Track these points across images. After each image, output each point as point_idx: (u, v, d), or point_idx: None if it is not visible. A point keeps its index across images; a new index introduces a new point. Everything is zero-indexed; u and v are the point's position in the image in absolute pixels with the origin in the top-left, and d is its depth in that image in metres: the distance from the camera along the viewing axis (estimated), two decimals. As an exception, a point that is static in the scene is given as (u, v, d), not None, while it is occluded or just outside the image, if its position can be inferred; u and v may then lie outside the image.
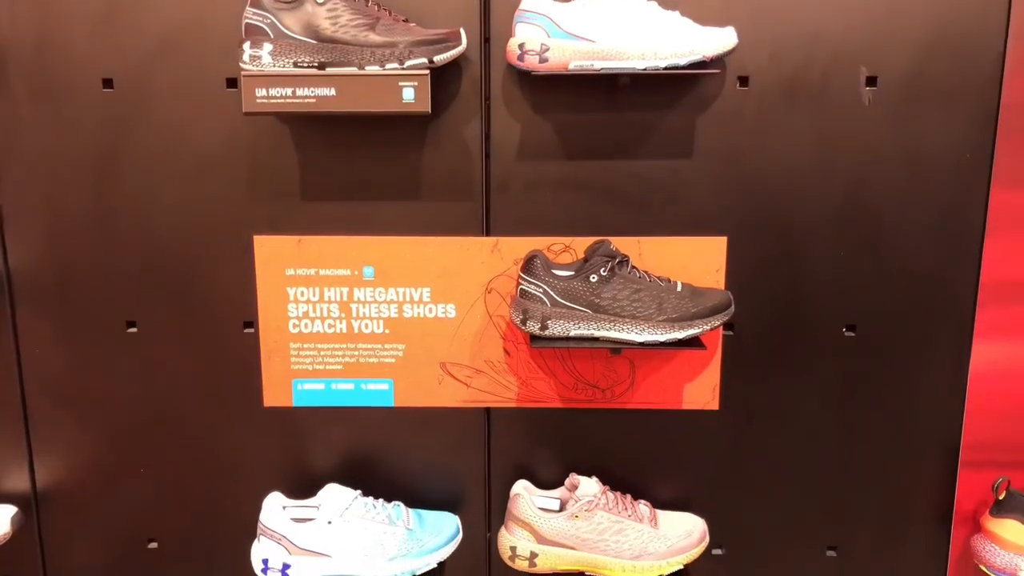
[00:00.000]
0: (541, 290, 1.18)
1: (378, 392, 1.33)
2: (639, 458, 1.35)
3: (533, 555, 1.26)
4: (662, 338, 1.17)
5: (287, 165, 1.26)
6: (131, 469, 1.36)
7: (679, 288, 1.20)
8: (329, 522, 1.24)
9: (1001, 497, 1.27)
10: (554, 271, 1.19)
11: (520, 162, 1.24)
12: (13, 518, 1.34)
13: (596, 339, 1.19)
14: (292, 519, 1.25)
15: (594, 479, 1.29)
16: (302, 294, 1.29)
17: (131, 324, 1.31)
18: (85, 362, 1.32)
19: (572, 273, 1.19)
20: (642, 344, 1.17)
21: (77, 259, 1.29)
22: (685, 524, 1.29)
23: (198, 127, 1.24)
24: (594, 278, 1.18)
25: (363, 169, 1.25)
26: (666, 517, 1.30)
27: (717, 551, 1.37)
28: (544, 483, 1.34)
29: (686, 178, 1.25)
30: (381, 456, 1.35)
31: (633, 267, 1.20)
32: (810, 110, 1.22)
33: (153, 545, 1.39)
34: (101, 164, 1.26)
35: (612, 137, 1.23)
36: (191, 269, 1.29)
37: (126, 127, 1.24)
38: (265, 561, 1.24)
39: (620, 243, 1.22)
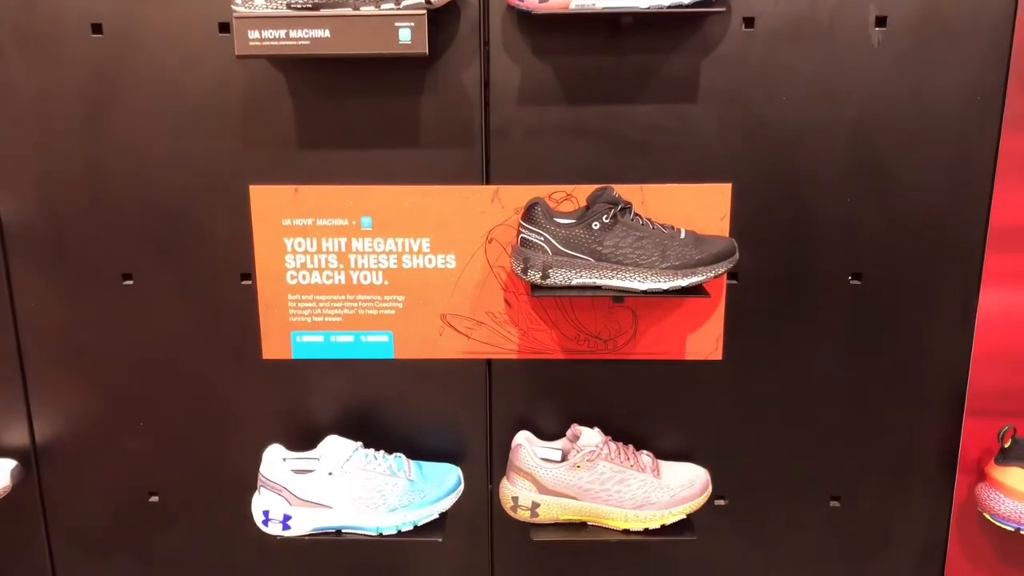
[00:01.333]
0: (542, 238, 1.16)
1: (378, 344, 1.31)
2: (641, 409, 1.34)
3: (535, 505, 1.25)
4: (665, 286, 1.15)
5: (282, 113, 1.23)
6: (130, 423, 1.35)
7: (682, 235, 1.18)
8: (330, 473, 1.24)
9: (1007, 445, 1.26)
10: (555, 219, 1.17)
11: (520, 108, 1.22)
12: (13, 472, 1.34)
13: (598, 288, 1.17)
14: (293, 471, 1.25)
15: (596, 430, 1.28)
16: (299, 245, 1.28)
17: (127, 277, 1.30)
18: (82, 315, 1.31)
19: (574, 221, 1.17)
20: (645, 292, 1.16)
21: (70, 211, 1.27)
22: (688, 474, 1.29)
23: (191, 74, 1.21)
24: (596, 225, 1.16)
25: (360, 116, 1.23)
26: (668, 467, 1.30)
27: (720, 502, 1.37)
28: (546, 435, 1.33)
29: (690, 123, 1.22)
30: (382, 408, 1.34)
31: (636, 214, 1.18)
32: (817, 52, 1.19)
33: (154, 499, 1.39)
34: (92, 112, 1.23)
35: (615, 81, 1.20)
36: (187, 220, 1.27)
37: (117, 74, 1.21)
38: (266, 513, 1.24)
39: (623, 190, 1.20)
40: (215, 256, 1.29)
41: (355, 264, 1.28)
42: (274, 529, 1.24)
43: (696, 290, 1.17)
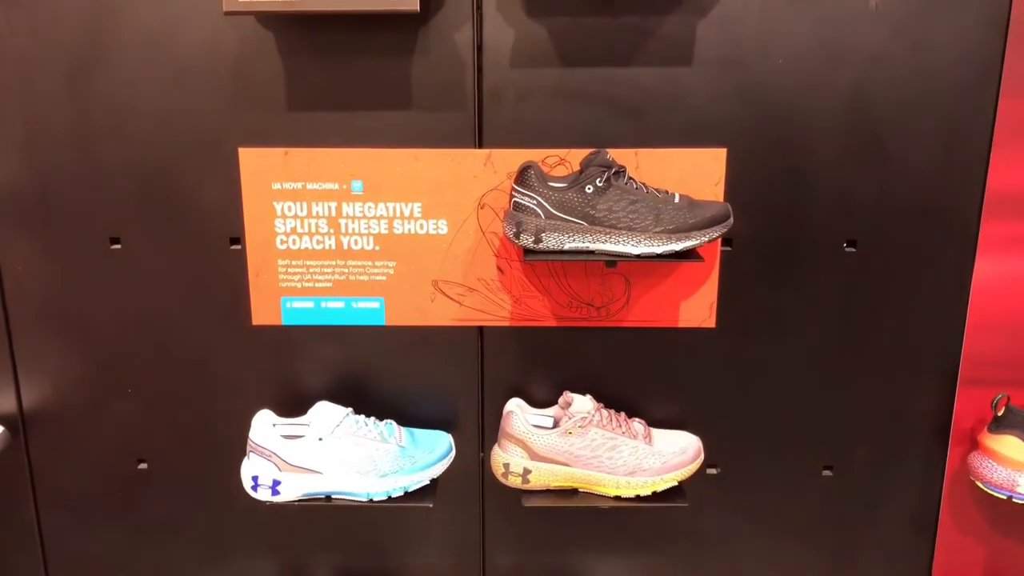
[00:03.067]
0: (535, 202, 1.15)
1: (369, 310, 1.30)
2: (634, 377, 1.33)
3: (526, 471, 1.25)
4: (659, 250, 1.14)
5: (272, 73, 1.21)
6: (118, 389, 1.34)
7: (677, 199, 1.16)
8: (320, 439, 1.23)
9: (1000, 413, 1.26)
10: (549, 182, 1.16)
11: (514, 70, 1.20)
12: (0, 437, 1.32)
13: (591, 252, 1.16)
14: (282, 436, 1.24)
15: (588, 397, 1.27)
16: (289, 209, 1.26)
17: (115, 241, 1.28)
18: (69, 280, 1.29)
19: (567, 184, 1.15)
20: (638, 256, 1.15)
21: (56, 174, 1.25)
22: (680, 441, 1.28)
23: (178, 32, 1.19)
24: (590, 189, 1.14)
25: (351, 78, 1.21)
26: (660, 435, 1.29)
27: (712, 470, 1.37)
28: (538, 402, 1.32)
29: (685, 86, 1.20)
30: (373, 375, 1.33)
31: (630, 178, 1.17)
32: (815, 15, 1.18)
33: (143, 466, 1.38)
34: (77, 72, 1.21)
35: (609, 43, 1.19)
36: (175, 183, 1.25)
37: (102, 32, 1.19)
38: (255, 478, 1.23)
39: (617, 155, 1.19)
40: (204, 220, 1.27)
41: (346, 229, 1.27)
42: (263, 495, 1.23)
43: (690, 254, 1.16)
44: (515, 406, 1.27)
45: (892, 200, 1.24)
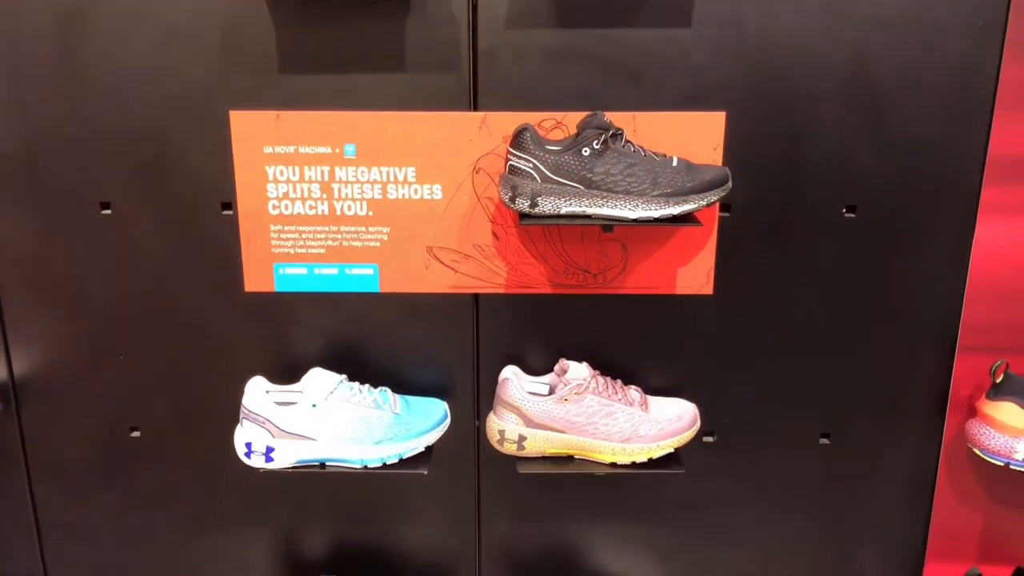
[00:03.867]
0: (531, 165, 1.13)
1: (363, 277, 1.29)
2: (630, 344, 1.32)
3: (522, 438, 1.24)
4: (656, 214, 1.12)
5: (263, 34, 1.18)
6: (110, 357, 1.33)
7: (675, 163, 1.15)
8: (313, 405, 1.22)
9: (999, 380, 1.25)
10: (545, 145, 1.14)
11: (509, 31, 1.18)
12: (-9, 405, 1.32)
13: (588, 216, 1.14)
14: (276, 403, 1.23)
15: (584, 364, 1.26)
16: (281, 173, 1.24)
17: (105, 206, 1.26)
18: (59, 246, 1.28)
19: (563, 147, 1.14)
20: (635, 220, 1.13)
21: (45, 138, 1.23)
22: (676, 408, 1.27)
23: (166, -8, 1.17)
24: (586, 151, 1.13)
25: (343, 38, 1.18)
26: (657, 402, 1.28)
27: (708, 438, 1.36)
28: (534, 370, 1.31)
29: (685, 48, 1.18)
30: (367, 343, 1.32)
31: (627, 141, 1.15)
32: (816, -25, 1.16)
33: (135, 434, 1.37)
34: (64, 32, 1.18)
35: (608, 3, 1.16)
36: (165, 147, 1.23)
37: (89, -9, 1.17)
38: (248, 445, 1.22)
39: (614, 118, 1.16)
40: (195, 185, 1.25)
41: (338, 194, 1.25)
42: (257, 462, 1.23)
43: (688, 219, 1.15)
44: (511, 373, 1.26)
45: (893, 165, 1.23)
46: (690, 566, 1.42)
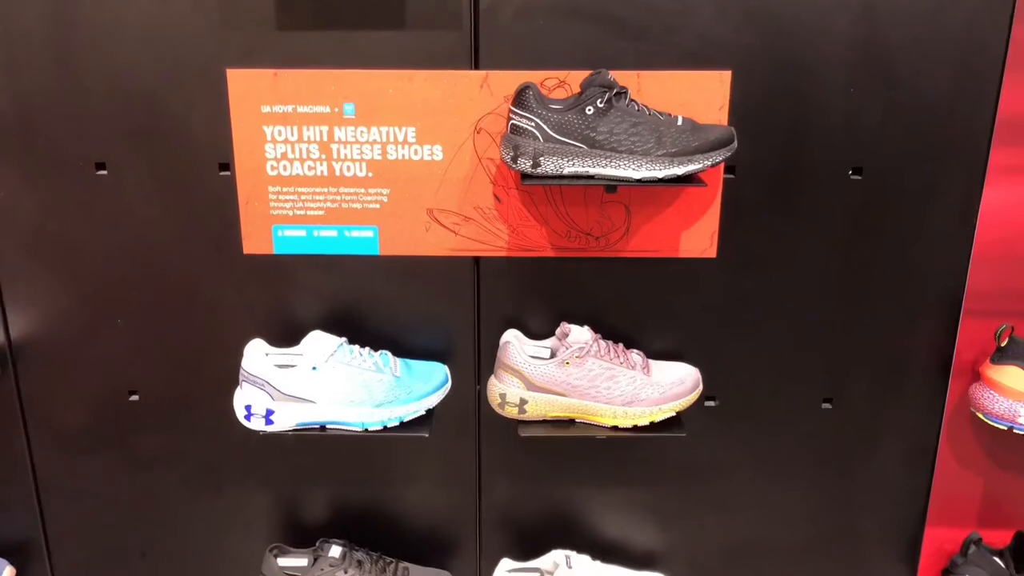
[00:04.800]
0: (533, 124, 1.11)
1: (362, 240, 1.27)
2: (633, 308, 1.31)
3: (523, 402, 1.23)
4: (660, 174, 1.11)
5: (260, -10, 1.16)
6: (108, 320, 1.32)
7: (680, 122, 1.13)
8: (313, 368, 1.21)
9: (1003, 344, 1.24)
10: (547, 103, 1.12)
11: (511, -13, 1.15)
12: (-12, 368, 1.31)
13: (591, 177, 1.13)
14: (275, 365, 1.22)
15: (586, 328, 1.25)
16: (279, 133, 1.22)
17: (100, 166, 1.24)
18: (54, 207, 1.26)
19: (567, 105, 1.12)
20: (639, 181, 1.11)
21: (38, 97, 1.20)
22: (678, 372, 1.26)
23: (161, -55, 1.14)
24: (590, 110, 1.11)
25: (342, -5, 1.16)
26: (659, 366, 1.28)
27: (710, 403, 1.35)
28: (535, 334, 1.30)
29: (689, 6, 1.16)
30: (367, 306, 1.31)
31: (632, 100, 1.13)
32: (825, -70, 1.13)
33: (134, 397, 1.36)
34: (57, -13, 1.16)
35: (611, -41, 1.14)
36: (161, 106, 1.21)
37: (82, -55, 1.14)
38: (248, 407, 1.21)
39: (619, 77, 1.14)
40: (192, 145, 1.23)
41: (338, 154, 1.23)
42: (256, 424, 1.22)
43: (692, 179, 1.13)
44: (512, 336, 1.26)
45: (899, 126, 1.21)
46: (690, 530, 1.42)
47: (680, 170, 1.11)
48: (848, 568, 1.44)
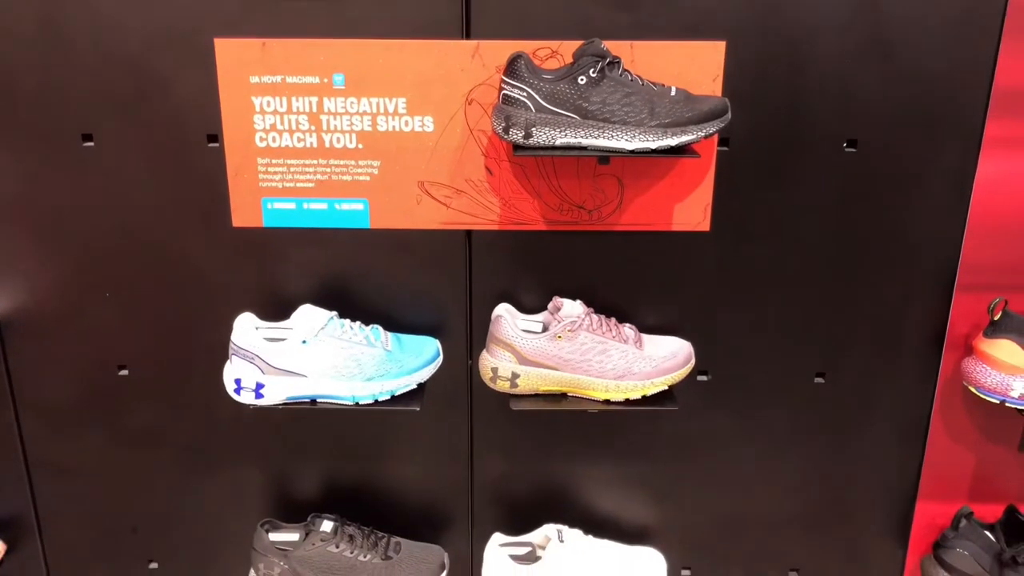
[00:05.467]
0: (525, 94, 1.10)
1: (353, 212, 1.26)
2: (626, 282, 1.30)
3: (515, 376, 1.23)
4: (653, 145, 1.10)
5: (247, -43, 1.14)
6: (96, 293, 1.30)
7: (673, 92, 1.12)
8: (303, 341, 1.20)
9: (996, 318, 1.24)
10: (540, 73, 1.10)
11: (503, -45, 1.14)
12: (-26, 342, 1.29)
13: (583, 148, 1.11)
14: (265, 339, 1.21)
15: (578, 302, 1.24)
16: (268, 104, 1.20)
17: (87, 138, 1.23)
18: (40, 179, 1.24)
19: (559, 75, 1.10)
20: (632, 152, 1.10)
21: (22, 67, 1.19)
22: (671, 346, 1.26)
23: (146, -89, 1.12)
24: (583, 80, 1.09)
25: (331, -38, 1.14)
26: (651, 340, 1.27)
27: (703, 377, 1.35)
28: (527, 309, 1.29)
29: (684, -26, 1.14)
30: (357, 280, 1.30)
31: (625, 70, 1.12)
32: None
33: (123, 372, 1.35)
34: (40, -47, 1.14)
35: (604, -74, 1.12)
36: (148, 76, 1.19)
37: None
38: (238, 381, 1.21)
39: (611, 47, 1.12)
40: (180, 116, 1.21)
41: (327, 126, 1.21)
42: (246, 398, 1.21)
43: (686, 151, 1.12)
44: (504, 310, 1.25)
45: (895, 98, 1.20)
46: (682, 505, 1.42)
47: (674, 141, 1.09)
48: (839, 542, 1.44)
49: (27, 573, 1.46)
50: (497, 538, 1.34)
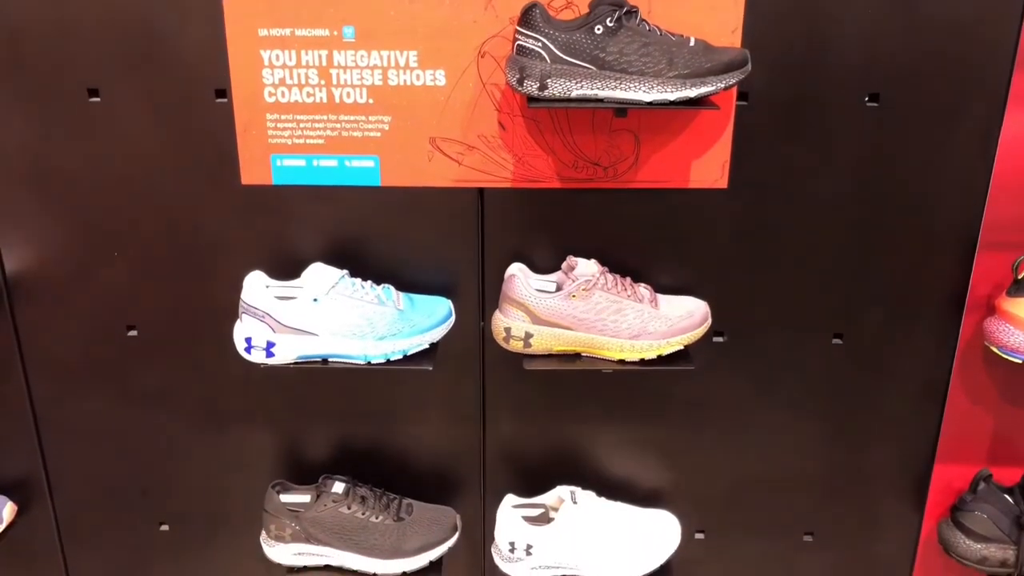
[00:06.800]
0: (540, 44, 1.07)
1: (363, 170, 1.24)
2: (641, 241, 1.28)
3: (528, 336, 1.21)
4: (672, 96, 1.07)
5: (254, -95, 1.11)
6: (104, 253, 1.29)
7: (692, 43, 1.09)
8: (315, 300, 1.18)
9: (1021, 276, 1.21)
10: (555, 23, 1.08)
11: (517, -99, 1.10)
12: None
13: (600, 100, 1.09)
14: (276, 297, 1.19)
15: (593, 261, 1.22)
16: (277, 58, 1.18)
17: (93, 93, 1.20)
18: (46, 135, 1.23)
19: (575, 25, 1.07)
20: (650, 103, 1.08)
21: (27, 21, 1.17)
22: (687, 305, 1.24)
23: None
24: (599, 29, 1.07)
25: (340, -90, 1.11)
26: (667, 299, 1.25)
27: (719, 338, 1.33)
28: (540, 269, 1.27)
29: (703, -79, 1.11)
30: (368, 239, 1.28)
31: (642, 20, 1.09)
32: None
33: (133, 333, 1.34)
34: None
35: None
36: (155, 30, 1.17)
37: None
38: (248, 340, 1.19)
39: (627, -3, 1.10)
40: (187, 71, 1.19)
41: (337, 80, 1.19)
42: (257, 357, 1.20)
43: (704, 103, 1.09)
44: (517, 269, 1.23)
45: (918, 50, 1.17)
46: (697, 467, 1.41)
47: (692, 92, 1.07)
48: (855, 505, 1.43)
49: (38, 535, 1.46)
50: (510, 499, 1.33)
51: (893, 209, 1.25)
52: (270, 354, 1.19)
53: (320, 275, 1.20)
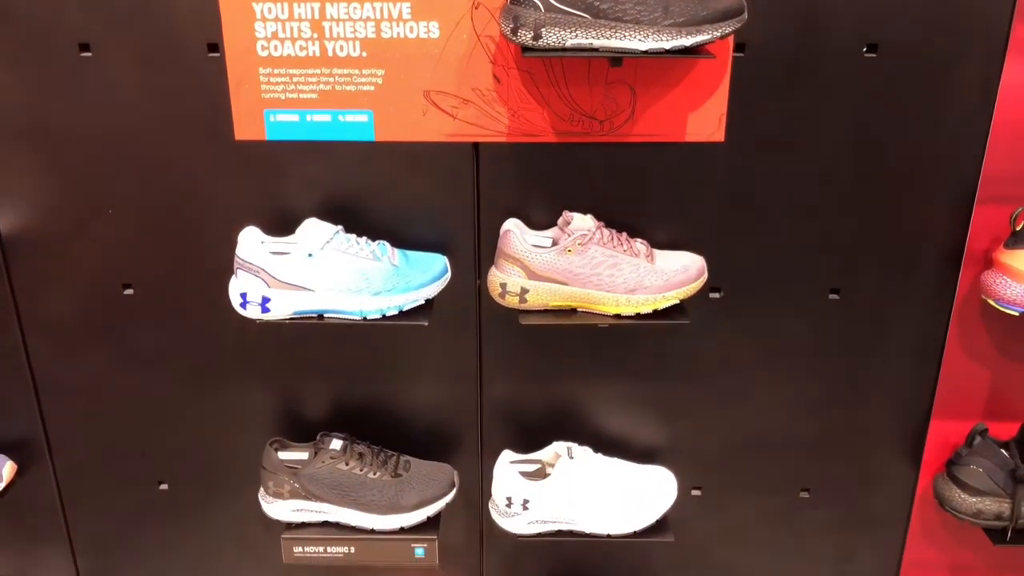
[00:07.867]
0: (534, -7, 1.06)
1: (357, 124, 1.23)
2: (637, 196, 1.27)
3: (524, 291, 1.21)
4: (667, 45, 1.06)
5: None
6: (98, 211, 1.28)
7: (688, -9, 1.07)
8: (309, 255, 1.18)
9: (1019, 228, 1.21)
10: (549, -29, 1.06)
11: None
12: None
13: (595, 49, 1.07)
14: (271, 252, 1.19)
15: (589, 216, 1.22)
16: (269, 11, 1.17)
17: (84, 48, 1.19)
18: (36, 91, 1.21)
19: (569, -27, 1.06)
20: (645, 52, 1.06)
21: (15, -28, 1.15)
22: (683, 260, 1.24)
23: None
24: (593, -23, 1.05)
25: None
26: (663, 254, 1.25)
27: (715, 294, 1.33)
28: (536, 225, 1.27)
29: None
30: (363, 195, 1.27)
31: (637, -33, 1.07)
32: None
33: (129, 291, 1.33)
34: None
35: None
36: (144, -19, 1.16)
37: None
38: (244, 295, 1.19)
39: (623, -55, 1.08)
40: (178, 24, 1.18)
41: (330, 33, 1.18)
42: (252, 312, 1.20)
43: (700, 52, 1.08)
44: (513, 225, 1.23)
45: (917, 1, 1.15)
46: (693, 424, 1.41)
47: (688, 41, 1.05)
48: (852, 460, 1.43)
49: (39, 494, 1.47)
50: (507, 455, 1.33)
51: (891, 162, 1.24)
52: (265, 309, 1.19)
53: (314, 230, 1.20)
